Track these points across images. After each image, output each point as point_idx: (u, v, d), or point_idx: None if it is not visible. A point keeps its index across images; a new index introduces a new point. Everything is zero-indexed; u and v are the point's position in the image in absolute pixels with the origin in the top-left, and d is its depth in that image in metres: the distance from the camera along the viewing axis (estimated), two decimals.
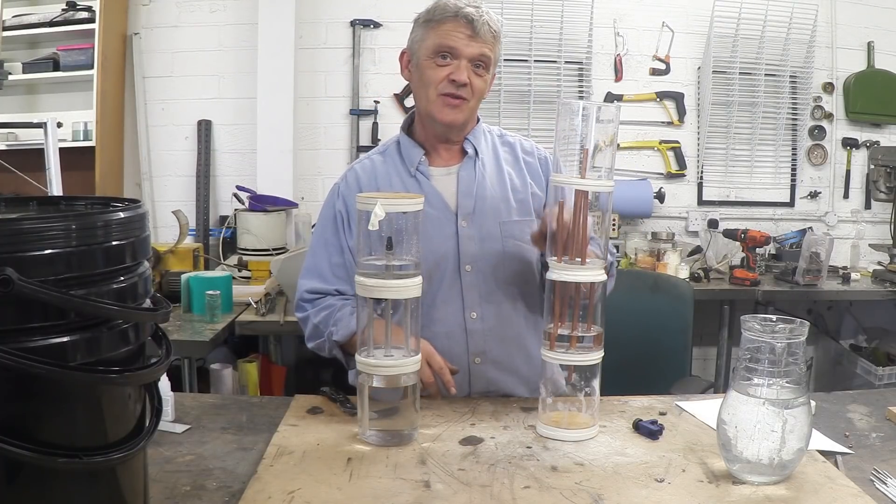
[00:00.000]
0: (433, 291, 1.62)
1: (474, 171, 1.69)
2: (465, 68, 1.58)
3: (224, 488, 1.16)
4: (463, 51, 1.58)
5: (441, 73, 1.59)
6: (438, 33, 1.59)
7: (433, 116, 1.63)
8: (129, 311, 0.88)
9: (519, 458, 1.27)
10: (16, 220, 0.80)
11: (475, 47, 1.58)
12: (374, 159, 1.74)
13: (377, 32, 3.98)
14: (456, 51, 1.58)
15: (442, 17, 1.59)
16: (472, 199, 1.67)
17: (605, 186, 1.38)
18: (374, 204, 1.26)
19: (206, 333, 2.50)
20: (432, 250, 1.60)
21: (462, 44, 1.58)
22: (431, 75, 1.60)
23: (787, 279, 3.57)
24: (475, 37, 1.58)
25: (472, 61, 1.59)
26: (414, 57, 1.66)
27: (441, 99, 1.60)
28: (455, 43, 1.58)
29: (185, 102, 3.97)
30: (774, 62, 4.09)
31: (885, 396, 1.63)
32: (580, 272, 1.37)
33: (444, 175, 1.70)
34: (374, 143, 4.00)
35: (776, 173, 4.19)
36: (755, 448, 1.15)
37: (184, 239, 3.13)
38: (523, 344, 1.68)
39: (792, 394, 1.16)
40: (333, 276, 1.68)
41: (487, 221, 1.66)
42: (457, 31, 1.58)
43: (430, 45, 1.60)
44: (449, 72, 1.58)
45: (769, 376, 1.16)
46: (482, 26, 1.57)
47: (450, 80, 1.59)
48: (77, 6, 3.71)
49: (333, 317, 1.63)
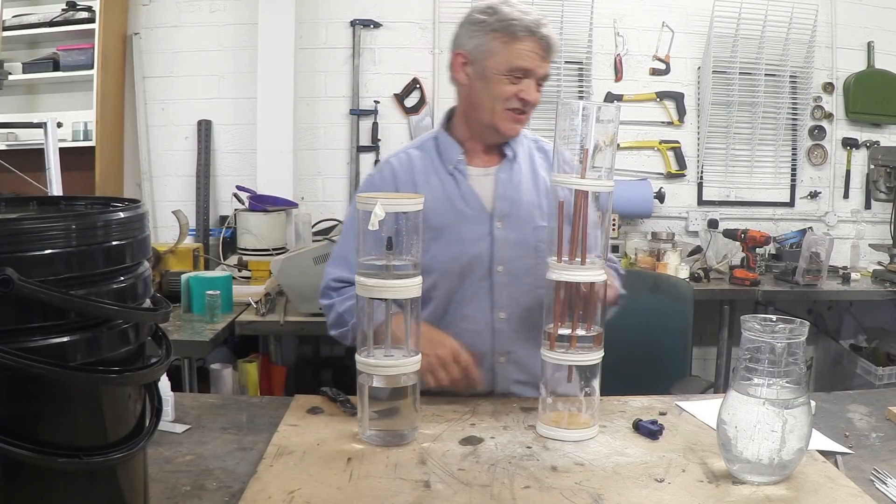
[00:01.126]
0: (464, 289, 1.65)
1: (511, 173, 1.69)
2: (535, 87, 1.62)
3: (224, 488, 1.16)
4: (536, 72, 1.61)
5: (512, 90, 1.61)
6: (514, 53, 1.59)
7: (497, 128, 1.65)
8: (129, 311, 0.88)
9: (519, 458, 1.27)
10: (16, 220, 0.80)
11: (546, 67, 1.62)
12: (411, 153, 1.75)
13: (377, 32, 3.98)
14: (530, 72, 1.60)
15: (521, 34, 1.59)
16: (509, 201, 1.68)
17: (605, 186, 1.38)
18: (374, 204, 1.26)
19: (206, 333, 2.50)
20: (466, 249, 1.64)
21: (536, 65, 1.60)
22: (502, 90, 1.61)
23: (787, 279, 3.57)
24: (547, 57, 1.61)
25: (538, 80, 1.62)
26: (477, 65, 1.64)
27: (507, 113, 1.63)
28: (531, 65, 1.60)
29: (185, 102, 3.97)
30: (774, 62, 4.09)
31: (885, 396, 1.63)
32: (580, 272, 1.37)
33: (482, 175, 1.70)
34: (375, 143, 4.01)
35: (776, 173, 4.19)
36: (755, 448, 1.15)
37: (184, 239, 3.13)
38: None
39: (792, 394, 1.16)
40: None
41: (522, 225, 1.66)
42: (533, 51, 1.59)
43: (504, 62, 1.60)
44: (519, 90, 1.60)
45: (769, 376, 1.16)
46: (549, 46, 1.60)
47: (519, 97, 1.61)
48: (77, 6, 3.71)
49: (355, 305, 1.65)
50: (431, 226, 1.59)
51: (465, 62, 1.66)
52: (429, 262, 1.59)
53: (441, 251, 1.64)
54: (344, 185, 4.06)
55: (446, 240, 1.65)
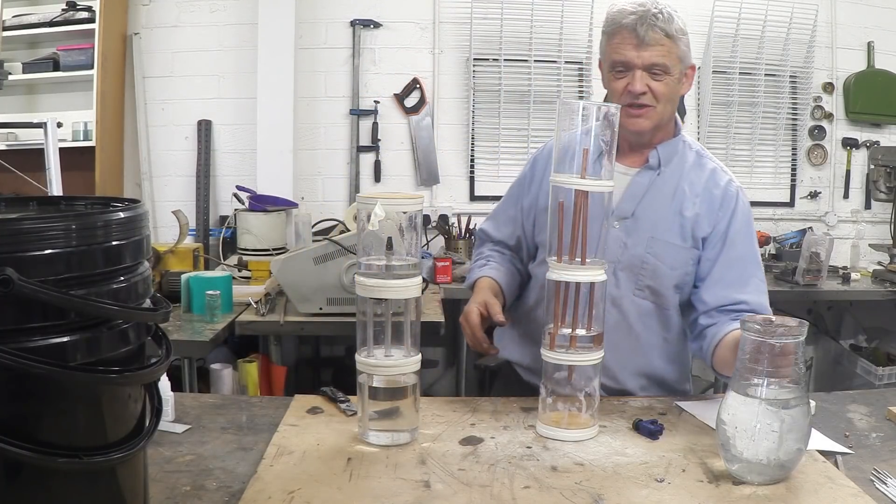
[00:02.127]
0: None
1: (651, 180, 1.67)
2: (641, 78, 1.58)
3: (224, 488, 1.16)
4: (634, 62, 1.58)
5: (620, 85, 1.61)
6: (611, 47, 1.61)
7: (622, 125, 1.62)
8: (129, 311, 0.88)
9: (519, 458, 1.27)
10: (16, 220, 0.80)
11: (645, 56, 1.57)
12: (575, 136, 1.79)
13: (377, 32, 3.98)
14: (628, 63, 1.59)
15: (611, 29, 1.61)
16: (634, 205, 1.66)
17: (605, 186, 1.38)
18: (373, 204, 1.26)
19: (206, 333, 2.50)
20: None
21: (632, 56, 1.58)
22: (613, 87, 1.63)
23: (787, 279, 3.57)
24: (642, 45, 1.57)
25: (647, 69, 1.59)
26: (603, 68, 1.69)
27: (624, 110, 1.60)
28: (625, 56, 1.59)
29: (185, 102, 3.98)
30: (774, 62, 4.09)
31: (885, 396, 1.63)
32: (580, 272, 1.37)
33: (621, 174, 1.68)
34: (375, 143, 4.01)
35: (776, 173, 4.19)
36: (754, 448, 1.15)
37: (184, 239, 3.13)
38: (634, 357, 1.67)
39: (791, 394, 1.16)
40: (505, 225, 1.86)
41: (640, 231, 1.65)
42: (624, 43, 1.58)
43: (608, 59, 1.63)
44: (626, 83, 1.60)
45: (768, 376, 1.16)
46: (647, 32, 1.56)
47: (628, 91, 1.60)
48: (77, 6, 3.71)
49: (473, 264, 1.85)
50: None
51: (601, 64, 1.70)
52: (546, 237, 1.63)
53: None
54: (344, 185, 4.06)
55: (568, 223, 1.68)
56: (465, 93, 4.02)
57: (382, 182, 4.05)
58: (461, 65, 4.03)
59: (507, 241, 1.84)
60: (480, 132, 4.07)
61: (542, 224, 1.72)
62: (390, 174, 4.07)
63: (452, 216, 4.01)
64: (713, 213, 1.67)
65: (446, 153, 4.08)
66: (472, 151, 4.07)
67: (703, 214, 1.66)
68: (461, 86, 4.03)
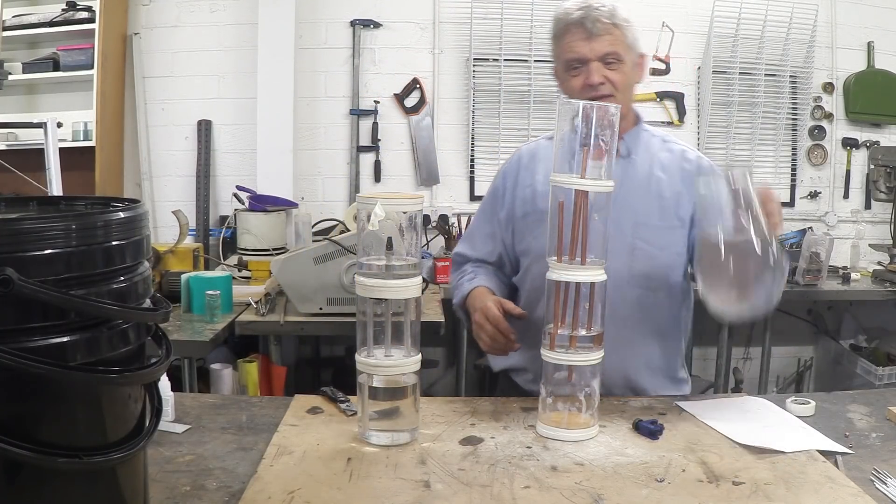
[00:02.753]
0: None
1: (621, 169, 1.68)
2: (596, 69, 1.62)
3: (224, 488, 1.16)
4: (587, 55, 1.62)
5: (577, 82, 1.64)
6: (563, 47, 1.65)
7: None
8: (129, 311, 0.88)
9: (519, 458, 1.27)
10: (16, 220, 0.80)
11: (597, 47, 1.62)
12: (541, 143, 1.83)
13: (377, 32, 3.98)
14: (582, 58, 1.63)
15: (559, 29, 1.66)
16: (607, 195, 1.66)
17: (605, 186, 1.38)
18: (373, 204, 1.26)
19: (206, 333, 2.50)
20: None
21: (584, 49, 1.62)
22: (572, 86, 1.66)
23: (787, 279, 3.57)
24: (592, 37, 1.61)
25: (601, 60, 1.63)
26: (557, 73, 1.73)
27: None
28: (577, 52, 1.63)
29: (185, 102, 3.97)
30: (774, 62, 4.09)
31: (885, 396, 1.63)
32: (580, 272, 1.37)
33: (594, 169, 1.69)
34: (375, 143, 4.01)
35: (776, 173, 4.19)
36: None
37: (184, 239, 3.13)
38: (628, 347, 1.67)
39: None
40: (482, 244, 1.85)
41: (621, 219, 1.65)
42: (575, 40, 1.62)
43: (561, 59, 1.67)
44: (584, 78, 1.63)
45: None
46: (594, 24, 1.61)
47: (586, 85, 1.63)
48: (77, 6, 3.71)
49: (457, 283, 1.81)
50: (540, 209, 1.69)
51: (556, 74, 1.74)
52: (530, 243, 1.74)
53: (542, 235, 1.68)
54: (344, 185, 4.06)
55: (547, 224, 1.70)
56: (465, 93, 4.02)
57: (382, 182, 4.05)
58: (461, 65, 4.03)
59: (487, 258, 1.84)
60: (480, 132, 4.07)
61: (521, 232, 1.77)
62: (390, 174, 4.07)
63: (452, 216, 4.01)
64: (691, 188, 1.68)
65: (446, 153, 4.08)
66: (472, 151, 4.07)
67: (683, 192, 1.69)
68: (461, 86, 4.03)
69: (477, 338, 1.62)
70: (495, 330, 1.56)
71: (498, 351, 1.61)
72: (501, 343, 1.57)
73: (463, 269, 1.84)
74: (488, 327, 1.57)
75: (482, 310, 1.59)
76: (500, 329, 1.56)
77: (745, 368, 4.13)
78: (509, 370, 1.80)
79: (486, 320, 1.57)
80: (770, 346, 3.72)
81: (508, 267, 1.85)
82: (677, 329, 1.78)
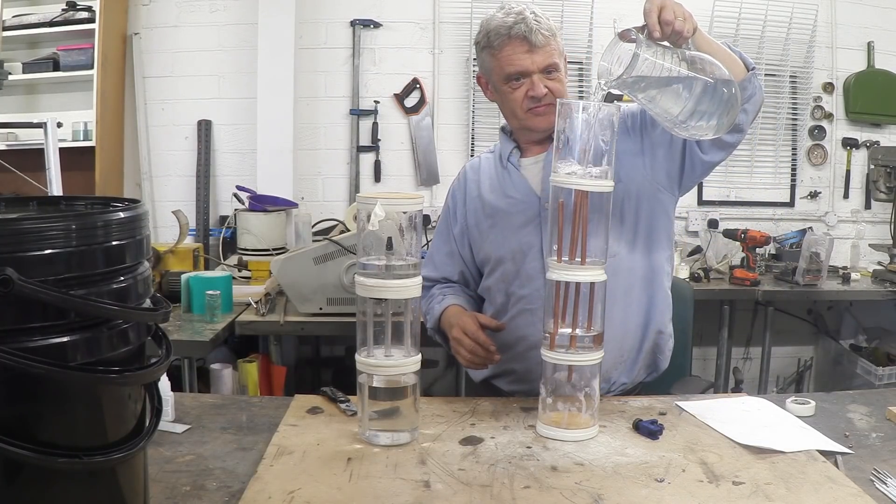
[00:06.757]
0: (520, 273, 1.71)
1: None
2: (539, 81, 1.65)
3: (224, 488, 1.16)
4: (529, 68, 1.64)
5: (519, 94, 1.67)
6: (502, 60, 1.66)
7: (529, 128, 1.72)
8: (129, 311, 0.88)
9: (519, 458, 1.27)
10: (16, 220, 0.80)
11: (539, 59, 1.64)
12: (483, 157, 1.90)
13: (377, 32, 3.98)
14: (524, 71, 1.64)
15: (498, 42, 1.65)
16: None
17: (605, 186, 1.38)
18: (373, 204, 1.26)
19: (206, 333, 2.50)
20: (516, 233, 1.71)
21: (527, 62, 1.64)
22: (512, 98, 1.68)
23: (787, 279, 3.57)
24: (534, 49, 1.63)
25: (542, 71, 1.65)
26: (491, 82, 1.74)
27: (529, 113, 1.68)
28: (519, 65, 1.64)
29: (185, 102, 3.97)
30: (774, 62, 4.09)
31: (885, 396, 1.63)
32: (580, 272, 1.37)
33: (533, 164, 1.76)
34: (375, 143, 4.01)
35: (776, 173, 4.19)
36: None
37: (184, 239, 3.13)
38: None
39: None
40: (443, 263, 1.89)
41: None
42: (516, 52, 1.64)
43: (500, 72, 1.68)
44: (526, 90, 1.66)
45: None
46: (535, 36, 1.62)
47: (529, 96, 1.65)
48: (77, 6, 3.71)
49: (427, 307, 1.81)
50: (488, 214, 1.77)
51: (487, 84, 1.76)
52: (488, 250, 1.77)
53: (496, 238, 1.75)
54: (344, 185, 4.06)
55: (500, 227, 1.75)
56: (465, 93, 4.02)
57: (382, 182, 4.05)
58: (461, 65, 4.02)
59: (451, 277, 1.88)
60: (480, 132, 4.06)
61: (478, 242, 1.81)
62: (390, 174, 4.07)
63: None
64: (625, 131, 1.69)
65: (446, 153, 4.08)
66: (472, 151, 4.06)
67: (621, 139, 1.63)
68: (461, 86, 4.03)
69: (456, 353, 1.62)
70: (474, 344, 1.57)
71: (478, 364, 1.61)
72: (482, 356, 1.58)
73: (431, 294, 1.84)
74: (467, 342, 1.58)
75: (459, 325, 1.60)
76: (479, 342, 1.56)
77: (745, 368, 4.12)
78: (490, 378, 1.80)
79: (463, 335, 1.58)
80: (770, 345, 3.72)
81: (473, 284, 1.87)
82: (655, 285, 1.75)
